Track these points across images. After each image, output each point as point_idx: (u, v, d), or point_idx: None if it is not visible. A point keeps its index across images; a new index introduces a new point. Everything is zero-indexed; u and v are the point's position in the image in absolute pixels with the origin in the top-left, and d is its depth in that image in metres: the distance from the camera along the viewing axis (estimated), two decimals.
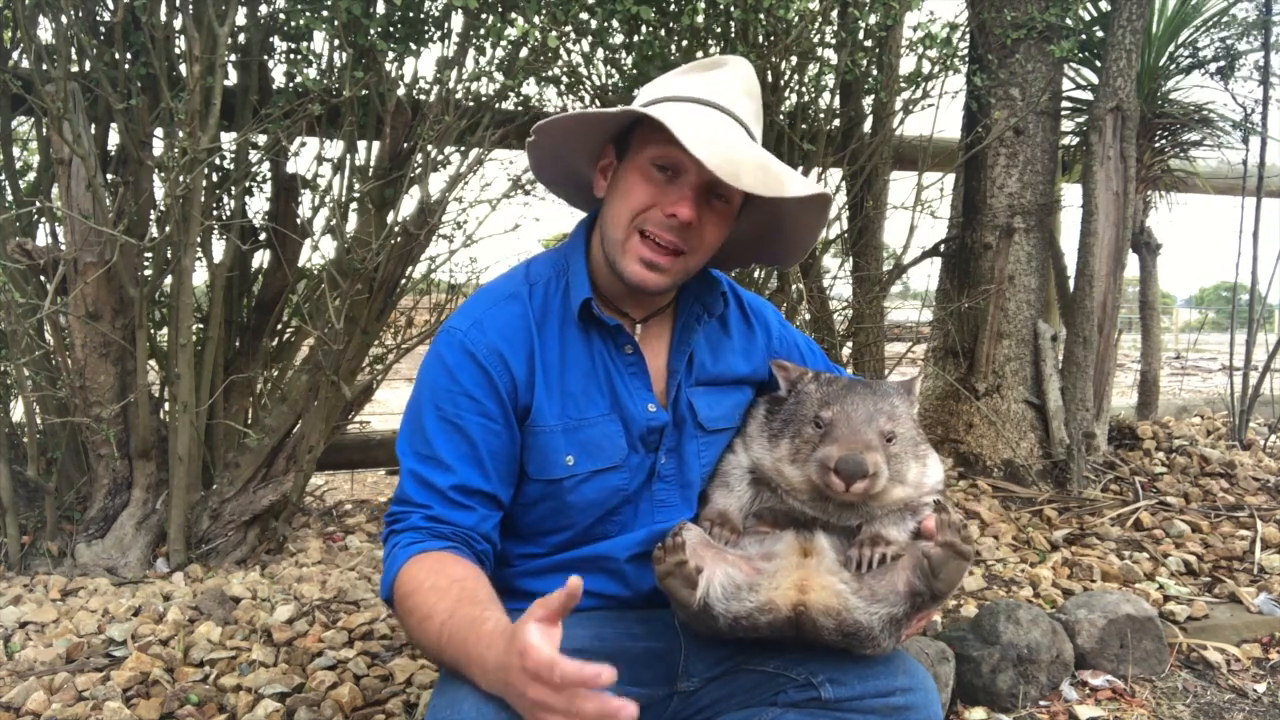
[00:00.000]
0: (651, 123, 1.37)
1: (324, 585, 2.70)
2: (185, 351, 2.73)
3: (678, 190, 1.42)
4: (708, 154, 1.31)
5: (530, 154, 1.56)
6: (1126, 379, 9.42)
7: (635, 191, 1.44)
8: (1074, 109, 4.45)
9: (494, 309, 1.50)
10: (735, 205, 1.50)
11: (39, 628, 2.37)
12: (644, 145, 1.44)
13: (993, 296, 3.89)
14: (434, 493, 1.41)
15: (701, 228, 1.45)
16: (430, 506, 1.41)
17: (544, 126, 1.46)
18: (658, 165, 1.43)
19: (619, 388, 1.52)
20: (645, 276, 1.45)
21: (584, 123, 1.47)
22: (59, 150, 2.61)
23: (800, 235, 1.60)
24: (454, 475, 1.41)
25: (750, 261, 1.79)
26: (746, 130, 1.48)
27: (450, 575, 1.31)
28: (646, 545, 1.52)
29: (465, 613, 1.23)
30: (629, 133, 1.49)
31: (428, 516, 1.40)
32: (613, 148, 1.53)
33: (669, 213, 1.41)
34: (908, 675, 1.47)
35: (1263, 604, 2.75)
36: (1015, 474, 3.84)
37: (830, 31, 3.41)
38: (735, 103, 1.49)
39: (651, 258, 1.44)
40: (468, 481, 1.42)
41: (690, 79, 1.51)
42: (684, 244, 1.44)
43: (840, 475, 1.37)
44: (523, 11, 2.74)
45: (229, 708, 2.02)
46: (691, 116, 1.41)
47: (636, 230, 1.44)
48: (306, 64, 3.09)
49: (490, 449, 1.44)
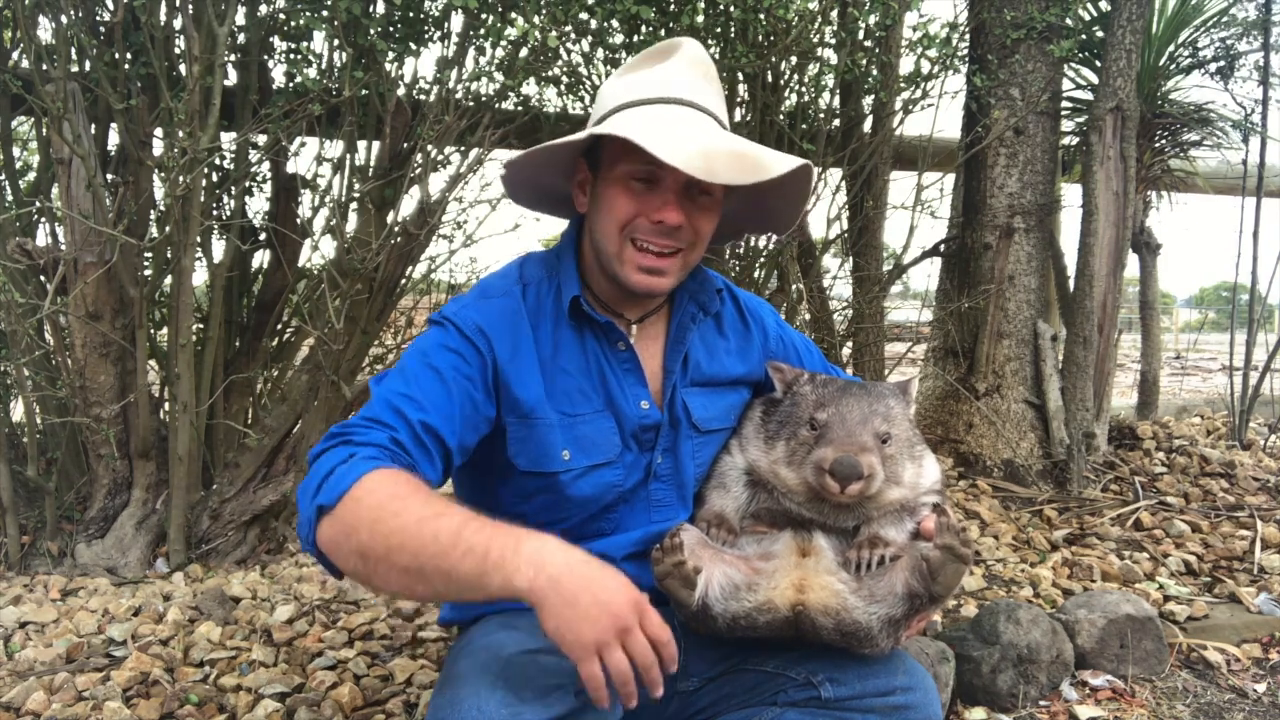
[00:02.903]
0: (618, 138, 1.36)
1: (324, 585, 2.70)
2: (185, 351, 2.73)
3: (660, 197, 1.43)
4: (682, 158, 1.31)
5: (505, 184, 1.58)
6: (1126, 379, 9.42)
7: (618, 205, 1.44)
8: (1074, 109, 4.45)
9: (485, 301, 1.51)
10: (719, 194, 1.50)
11: (39, 628, 2.37)
12: (615, 162, 1.44)
13: (993, 296, 3.89)
14: (403, 421, 1.34)
15: (692, 224, 1.46)
16: (397, 430, 1.32)
17: (513, 163, 1.48)
18: (634, 179, 1.43)
19: (612, 385, 1.53)
20: (651, 283, 1.46)
21: (551, 152, 1.47)
22: (59, 150, 2.61)
23: (787, 206, 1.61)
24: (424, 413, 1.35)
25: (742, 234, 1.79)
26: (713, 117, 1.48)
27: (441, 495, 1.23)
28: (643, 545, 1.52)
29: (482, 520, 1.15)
30: (599, 146, 1.48)
31: (394, 439, 1.31)
32: (585, 162, 1.53)
33: (656, 220, 1.42)
34: (907, 675, 1.48)
35: (1263, 604, 2.75)
36: (1015, 474, 3.84)
37: (830, 31, 3.41)
38: (695, 91, 1.48)
39: (652, 264, 1.45)
40: (434, 424, 1.35)
41: (642, 75, 1.49)
42: (679, 243, 1.45)
43: (835, 477, 1.38)
44: (523, 11, 2.74)
45: (229, 708, 2.02)
46: (655, 121, 1.40)
47: (629, 240, 1.45)
48: (306, 64, 3.09)
49: (463, 408, 1.40)
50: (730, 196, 1.56)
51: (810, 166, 1.47)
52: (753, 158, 1.40)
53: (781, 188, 1.53)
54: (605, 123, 1.43)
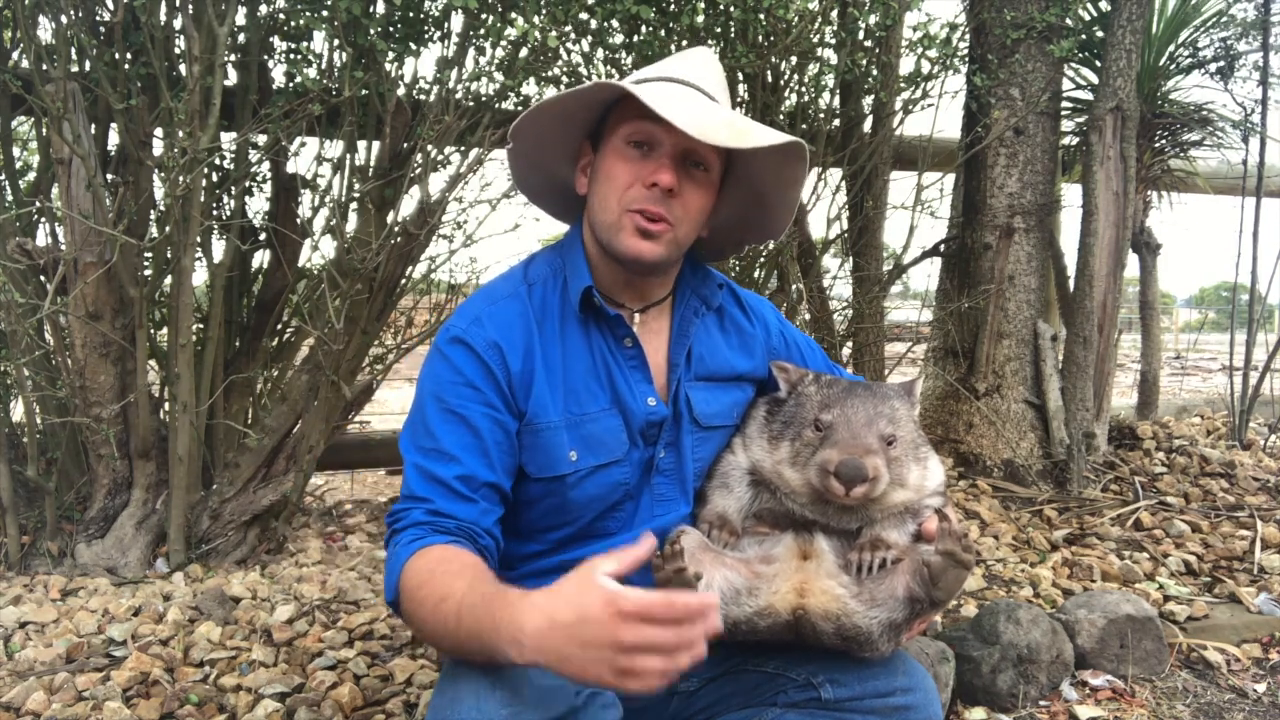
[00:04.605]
0: (623, 105, 1.41)
1: (324, 585, 2.70)
2: (185, 351, 2.73)
3: (655, 161, 1.44)
4: (681, 118, 1.34)
5: (511, 163, 1.58)
6: (1126, 379, 9.42)
7: (615, 172, 1.46)
8: (1074, 109, 4.45)
9: (493, 307, 1.51)
10: (715, 173, 1.52)
11: (39, 628, 2.37)
12: (617, 126, 1.47)
13: (993, 296, 3.89)
14: (438, 485, 1.39)
15: (684, 196, 1.46)
16: (432, 500, 1.39)
17: (520, 128, 1.49)
18: (633, 142, 1.45)
19: (619, 382, 1.52)
20: (641, 246, 1.46)
21: (559, 116, 1.49)
22: (59, 150, 2.61)
23: (783, 197, 1.61)
24: (459, 466, 1.40)
25: (741, 245, 1.79)
26: (714, 100, 1.51)
27: (462, 561, 1.29)
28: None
29: (482, 589, 1.19)
30: (603, 126, 1.52)
31: (430, 511, 1.38)
32: (589, 145, 1.55)
33: (650, 182, 1.43)
34: (907, 675, 1.48)
35: (1263, 604, 2.75)
36: (1015, 474, 3.84)
37: (830, 31, 3.41)
38: (701, 78, 1.52)
39: (644, 225, 1.45)
40: (473, 472, 1.40)
41: (655, 67, 1.56)
42: (668, 214, 1.45)
43: (840, 479, 1.37)
44: (523, 11, 2.74)
45: (229, 708, 2.02)
46: (661, 90, 1.43)
47: (625, 210, 1.46)
48: (306, 64, 3.09)
49: (494, 439, 1.43)
50: (726, 195, 1.57)
51: (803, 144, 1.48)
52: (745, 128, 1.44)
53: (779, 172, 1.54)
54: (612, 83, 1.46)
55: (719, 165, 1.51)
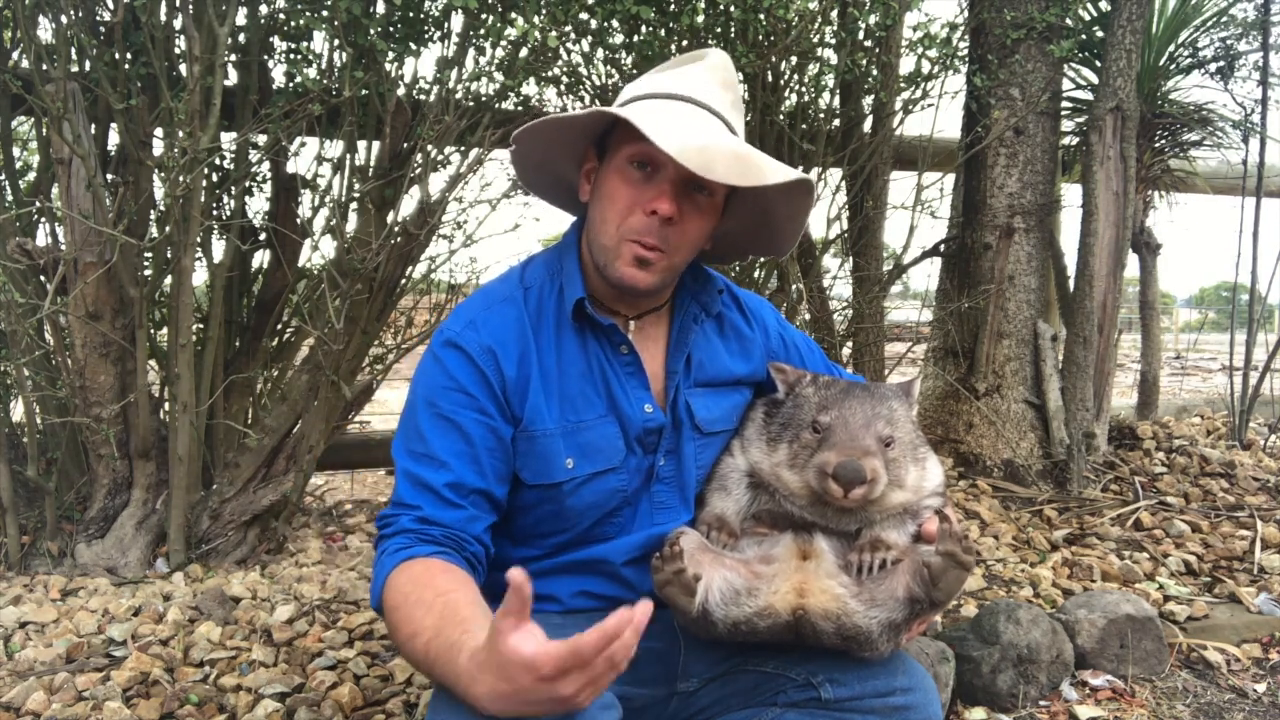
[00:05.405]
0: (626, 122, 1.37)
1: (324, 585, 2.70)
2: (185, 351, 2.73)
3: (656, 187, 1.42)
4: (679, 148, 1.31)
5: (515, 163, 1.56)
6: (1126, 379, 9.42)
7: (616, 194, 1.44)
8: (1074, 109, 4.44)
9: (488, 311, 1.50)
10: (719, 197, 1.49)
11: (39, 628, 2.37)
12: (620, 145, 1.45)
13: (993, 296, 3.89)
14: (427, 491, 1.39)
15: (684, 224, 1.44)
16: (421, 507, 1.38)
17: (521, 135, 1.47)
18: (635, 163, 1.43)
19: (615, 389, 1.52)
20: (635, 275, 1.44)
21: (560, 128, 1.47)
22: (59, 150, 2.61)
23: (788, 224, 1.59)
24: (449, 472, 1.39)
25: (745, 254, 1.78)
26: (723, 121, 1.47)
27: (435, 588, 1.26)
28: (644, 549, 1.52)
29: (448, 636, 1.17)
30: (609, 135, 1.49)
31: (418, 518, 1.38)
32: (594, 150, 1.53)
33: (649, 210, 1.41)
34: (907, 675, 1.48)
35: (1263, 604, 2.75)
36: (1015, 474, 3.84)
37: (830, 31, 3.41)
38: (710, 95, 1.48)
39: (641, 254, 1.43)
40: (463, 479, 1.40)
41: (666, 76, 1.51)
42: (664, 243, 1.43)
43: (838, 481, 1.37)
44: (523, 11, 2.74)
45: (229, 708, 2.02)
46: (664, 112, 1.41)
47: (624, 239, 1.43)
48: (306, 64, 3.09)
49: (487, 445, 1.43)
50: (731, 210, 1.55)
51: (811, 182, 1.46)
52: (754, 163, 1.39)
53: (785, 203, 1.52)
54: (615, 109, 1.43)
55: (723, 189, 1.48)
